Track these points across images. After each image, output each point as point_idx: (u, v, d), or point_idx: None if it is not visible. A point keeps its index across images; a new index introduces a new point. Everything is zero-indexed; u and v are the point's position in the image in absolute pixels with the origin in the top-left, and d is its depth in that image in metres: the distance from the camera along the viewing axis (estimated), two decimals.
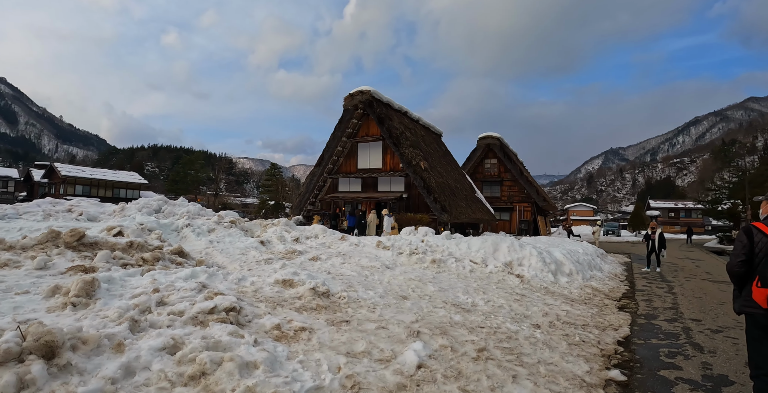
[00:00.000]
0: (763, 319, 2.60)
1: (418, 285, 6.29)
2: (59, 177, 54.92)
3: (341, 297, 5.36)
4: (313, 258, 8.05)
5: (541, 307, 5.86)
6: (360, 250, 9.57)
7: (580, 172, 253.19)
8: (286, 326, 4.21)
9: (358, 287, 5.84)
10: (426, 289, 6.13)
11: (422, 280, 6.53)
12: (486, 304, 5.73)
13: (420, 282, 6.44)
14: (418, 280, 6.56)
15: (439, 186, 19.52)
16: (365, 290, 5.72)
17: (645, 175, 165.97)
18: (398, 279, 6.57)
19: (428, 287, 6.20)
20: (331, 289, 5.55)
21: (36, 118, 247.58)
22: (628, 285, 9.04)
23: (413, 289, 6.08)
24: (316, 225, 12.51)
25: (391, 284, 6.26)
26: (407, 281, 6.46)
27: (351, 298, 5.32)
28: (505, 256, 8.62)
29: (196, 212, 13.56)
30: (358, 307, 5.07)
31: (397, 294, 5.77)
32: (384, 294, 5.69)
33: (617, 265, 12.78)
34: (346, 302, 5.20)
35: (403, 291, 5.95)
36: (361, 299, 5.33)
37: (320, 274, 6.55)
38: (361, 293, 5.58)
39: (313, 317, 4.57)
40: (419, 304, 5.32)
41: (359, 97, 21.64)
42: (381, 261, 7.74)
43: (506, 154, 35.89)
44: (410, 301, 5.42)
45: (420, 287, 6.19)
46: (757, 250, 2.69)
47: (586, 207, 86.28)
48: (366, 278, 6.55)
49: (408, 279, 6.57)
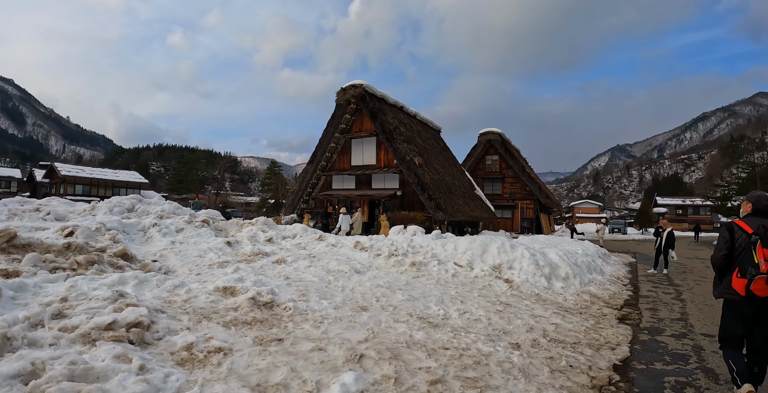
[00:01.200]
0: (740, 304, 3.06)
1: (385, 293, 5.46)
2: (59, 177, 54.72)
3: (286, 308, 4.55)
4: (277, 261, 7.24)
5: (526, 319, 5.00)
6: (336, 251, 8.76)
7: (586, 169, 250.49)
8: (201, 346, 3.43)
9: (312, 296, 5.02)
10: (393, 297, 5.29)
11: (391, 287, 5.70)
12: (461, 316, 4.88)
13: (388, 289, 5.61)
14: (387, 286, 5.73)
15: (434, 183, 18.65)
16: (319, 300, 4.90)
17: (652, 172, 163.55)
18: (364, 286, 5.75)
19: (396, 296, 5.37)
20: (278, 299, 4.75)
21: (43, 119, 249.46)
22: (632, 290, 8.14)
23: (378, 298, 5.25)
24: (297, 224, 11.71)
25: (354, 292, 5.44)
26: (374, 288, 5.63)
27: (298, 310, 4.51)
28: (494, 259, 7.76)
29: (171, 211, 12.80)
30: (303, 320, 4.26)
31: (356, 304, 4.95)
32: (341, 304, 4.87)
33: (621, 266, 11.85)
34: (290, 315, 4.39)
35: (366, 300, 5.13)
36: (309, 311, 4.51)
37: (275, 279, 5.75)
38: (313, 303, 4.76)
39: (241, 334, 3.77)
40: (378, 318, 4.49)
41: (352, 92, 20.80)
42: (352, 264, 6.92)
43: (508, 150, 34.89)
44: (368, 314, 4.59)
45: (386, 296, 5.36)
46: (737, 245, 3.04)
47: (592, 204, 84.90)
48: (327, 285, 5.73)
49: (375, 286, 5.74)
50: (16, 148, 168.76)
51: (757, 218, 3.08)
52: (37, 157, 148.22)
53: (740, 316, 3.11)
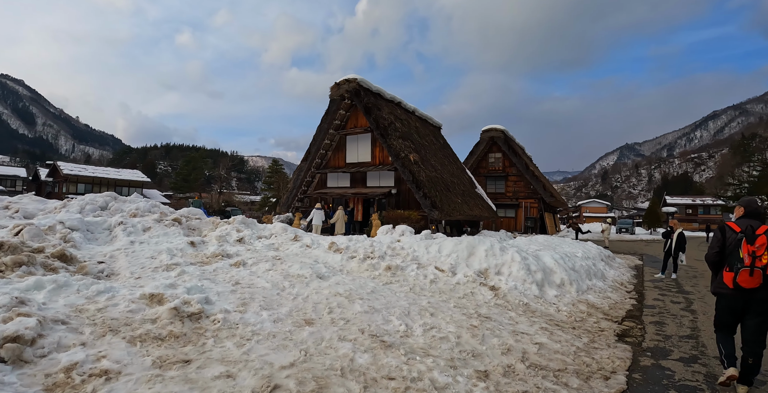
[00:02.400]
0: (730, 297, 3.35)
1: (342, 303, 4.68)
2: (61, 175, 54.70)
3: (215, 321, 3.82)
4: (236, 263, 6.50)
5: (504, 338, 4.19)
6: (308, 253, 8.00)
7: (594, 168, 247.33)
8: (86, 367, 2.75)
9: (254, 306, 4.27)
10: (349, 309, 4.52)
11: (351, 297, 4.92)
12: (425, 333, 4.09)
13: (347, 299, 4.84)
14: (347, 295, 4.95)
15: (430, 180, 17.82)
16: (260, 310, 4.15)
17: (661, 171, 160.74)
18: (321, 294, 4.98)
19: (354, 306, 4.59)
20: (209, 309, 4.01)
21: (53, 119, 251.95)
22: (636, 298, 7.26)
23: (332, 309, 4.48)
24: (277, 223, 10.98)
25: (307, 301, 4.67)
26: (331, 297, 4.86)
27: (228, 323, 3.77)
28: (480, 263, 6.94)
29: (146, 209, 12.14)
30: (229, 336, 3.52)
31: (303, 316, 4.18)
32: (284, 316, 4.11)
33: (625, 269, 10.94)
34: (217, 329, 3.65)
35: (316, 312, 4.36)
36: (242, 324, 3.77)
37: (221, 285, 5.01)
38: (250, 315, 4.02)
39: (144, 353, 3.05)
40: (321, 334, 3.72)
41: (345, 86, 20.01)
42: (317, 269, 6.15)
43: (511, 147, 33.91)
44: (312, 329, 3.82)
45: (343, 306, 4.58)
46: (728, 244, 3.37)
47: (600, 203, 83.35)
48: (280, 292, 4.97)
49: (334, 294, 4.97)
50: (26, 147, 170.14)
51: (747, 220, 3.39)
52: (47, 156, 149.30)
53: (730, 307, 3.37)
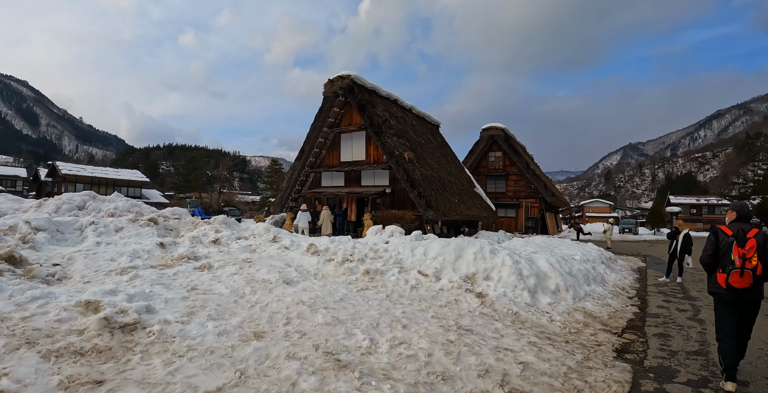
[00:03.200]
0: (725, 296, 3.53)
1: (304, 313, 4.13)
2: (60, 175, 54.44)
3: (150, 333, 3.29)
4: (201, 266, 5.96)
5: (485, 356, 3.62)
6: (284, 255, 7.45)
7: (597, 167, 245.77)
8: None
9: (201, 315, 3.73)
10: (310, 320, 3.96)
11: (315, 305, 4.36)
12: (391, 350, 3.53)
13: (309, 307, 4.28)
14: (311, 304, 4.39)
15: (425, 179, 17.24)
16: (207, 321, 3.61)
17: (665, 171, 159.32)
18: (284, 301, 4.43)
19: (315, 317, 4.03)
20: (147, 319, 3.48)
21: (57, 119, 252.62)
22: (638, 305, 6.65)
23: (289, 320, 3.93)
24: (260, 223, 10.45)
25: (264, 311, 4.12)
26: (293, 306, 4.30)
27: (164, 336, 3.24)
28: (468, 267, 6.37)
29: (125, 209, 11.63)
30: (160, 352, 2.99)
31: (254, 328, 3.63)
32: (233, 328, 3.56)
33: (628, 272, 10.32)
34: (150, 343, 3.13)
35: (271, 323, 3.80)
36: (180, 337, 3.25)
37: (175, 291, 4.47)
38: (194, 326, 3.48)
39: (54, 371, 2.54)
40: (268, 351, 3.17)
41: (339, 83, 19.47)
42: (286, 273, 5.59)
43: (512, 146, 33.28)
44: (259, 344, 3.27)
45: (303, 316, 4.03)
46: (721, 246, 3.55)
47: (603, 203, 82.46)
48: (238, 299, 4.43)
49: (297, 302, 4.42)
50: (30, 148, 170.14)
51: (739, 223, 3.56)
52: (50, 157, 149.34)
53: (725, 305, 3.55)
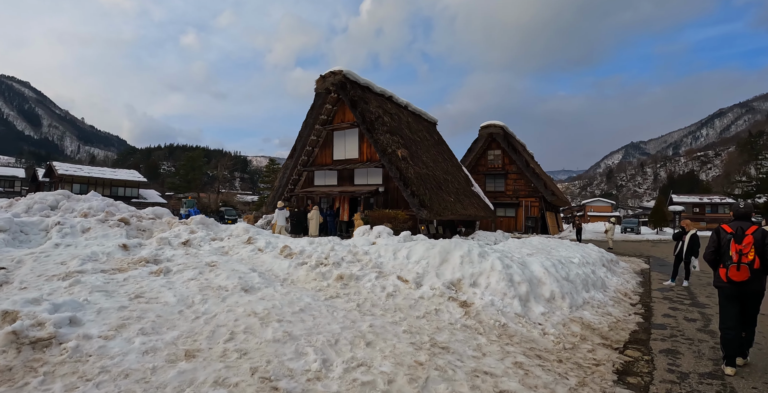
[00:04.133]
0: (727, 289, 3.88)
1: (252, 326, 3.54)
2: (56, 175, 54.03)
3: (64, 349, 2.74)
4: (157, 271, 5.38)
5: (458, 382, 3.02)
6: (255, 258, 6.86)
7: (599, 166, 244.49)
8: None
9: (132, 329, 3.17)
10: (258, 335, 3.38)
11: (267, 317, 3.77)
12: (346, 374, 2.93)
13: (261, 320, 3.69)
14: (263, 316, 3.81)
15: (419, 177, 16.63)
16: (137, 336, 3.06)
17: (667, 170, 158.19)
18: (235, 312, 3.84)
19: (265, 332, 3.44)
20: (68, 333, 2.94)
21: (59, 120, 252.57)
22: (642, 314, 6.02)
23: (234, 334, 3.34)
24: (240, 224, 9.88)
25: (209, 323, 3.54)
26: (243, 318, 3.72)
27: (79, 354, 2.72)
28: (453, 272, 5.76)
29: (100, 208, 11.05)
30: (68, 373, 2.46)
31: (189, 345, 3.04)
32: (165, 345, 2.97)
33: (630, 275, 9.68)
34: (60, 362, 2.60)
35: (212, 339, 3.21)
36: (96, 355, 2.74)
37: (115, 299, 3.91)
38: (118, 342, 2.93)
39: None
40: (193, 375, 2.59)
41: (331, 79, 18.87)
42: (247, 279, 5.00)
43: (511, 144, 32.63)
44: (187, 366, 2.69)
45: (251, 331, 3.44)
46: (722, 243, 3.94)
47: (605, 202, 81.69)
48: (183, 310, 3.85)
49: (248, 313, 3.83)
50: (32, 149, 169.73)
51: (738, 222, 3.98)
52: (52, 157, 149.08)
53: (728, 298, 3.90)
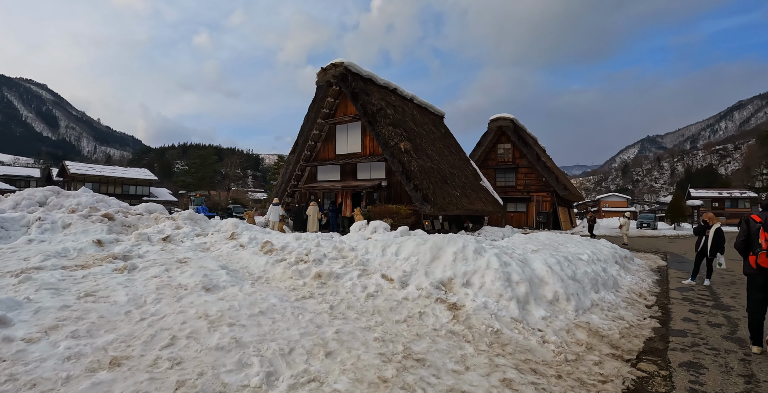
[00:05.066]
0: (756, 276, 4.10)
1: (199, 330, 3.04)
2: (69, 175, 54.74)
3: None
4: (121, 268, 4.94)
5: None
6: (234, 254, 6.38)
7: (614, 161, 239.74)
8: None
9: (63, 331, 2.76)
10: (202, 341, 2.87)
11: (218, 321, 3.26)
12: (290, 391, 2.39)
13: (211, 324, 3.20)
14: (215, 318, 3.31)
15: (422, 171, 16.01)
16: (64, 339, 2.69)
17: (684, 164, 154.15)
18: (186, 314, 3.37)
19: (211, 338, 2.94)
20: None
21: (75, 121, 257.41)
22: (659, 318, 5.34)
23: (176, 339, 2.86)
24: (229, 219, 9.44)
25: (153, 326, 3.07)
26: (191, 321, 3.23)
27: None
28: (444, 270, 5.18)
29: (89, 204, 10.73)
30: None
31: (121, 352, 2.56)
32: (93, 350, 2.54)
33: (646, 273, 8.95)
34: None
35: (149, 344, 2.73)
36: (11, 361, 2.35)
37: (62, 297, 3.54)
38: (41, 346, 2.56)
39: None
40: (108, 388, 2.08)
41: (332, 71, 18.33)
42: (213, 277, 4.51)
43: (521, 137, 31.70)
44: (105, 376, 2.24)
45: (195, 336, 2.95)
46: (752, 232, 4.12)
47: (620, 197, 79.76)
48: (131, 310, 3.40)
49: (199, 316, 3.34)
50: (49, 150, 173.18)
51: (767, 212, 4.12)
52: (69, 158, 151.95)
53: (757, 284, 4.11)
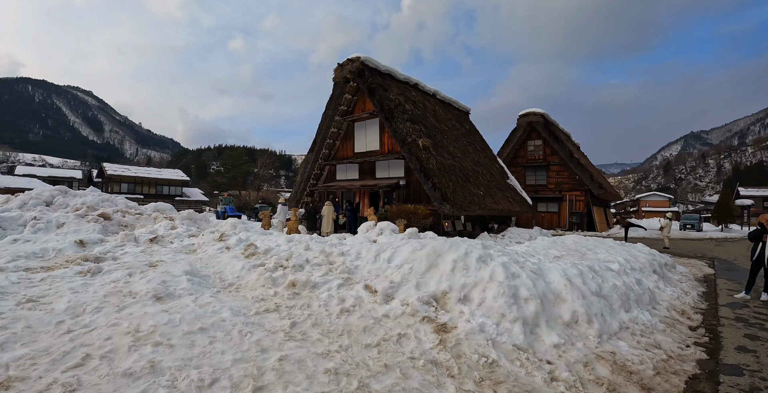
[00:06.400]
0: None
1: (119, 349, 2.46)
2: (106, 176, 57.14)
3: None
4: (86, 271, 4.51)
5: None
6: (214, 257, 5.82)
7: (655, 159, 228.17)
8: None
9: None
10: (116, 362, 2.26)
11: (145, 339, 2.64)
12: None
13: (136, 341, 2.63)
14: (145, 335, 2.73)
15: (442, 168, 15.13)
16: None
17: (732, 161, 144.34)
18: (118, 327, 2.87)
19: (127, 358, 2.35)
20: None
21: (119, 125, 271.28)
22: (706, 345, 4.29)
23: (88, 359, 2.31)
24: (229, 220, 8.99)
25: (75, 340, 2.59)
26: (117, 336, 2.68)
27: None
28: (439, 281, 4.39)
29: (95, 203, 10.57)
30: None
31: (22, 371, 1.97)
32: None
33: (690, 284, 7.74)
34: None
35: (56, 363, 2.22)
36: None
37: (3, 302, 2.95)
38: None
39: None
40: None
41: (349, 67, 17.72)
42: (172, 284, 3.94)
43: (552, 133, 30.10)
44: None
45: (112, 356, 2.38)
46: None
47: (662, 197, 75.30)
48: (64, 320, 2.99)
49: (128, 330, 2.78)
50: (95, 152, 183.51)
51: None
52: (112, 160, 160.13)
53: None
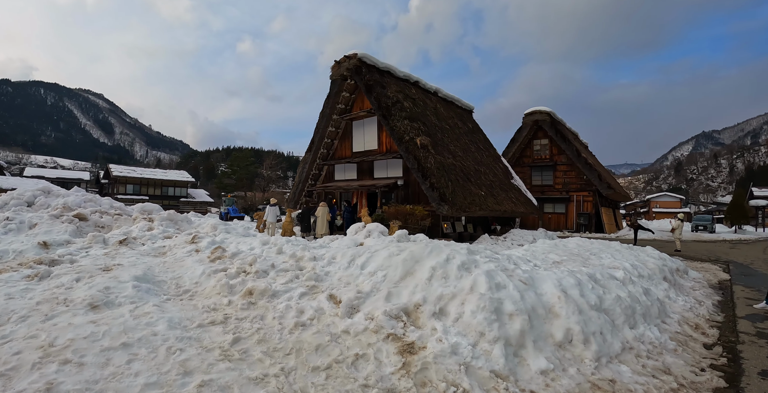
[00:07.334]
0: None
1: (22, 365, 1.92)
2: (112, 177, 57.36)
3: None
4: (34, 275, 4.11)
5: None
6: (179, 261, 5.35)
7: (666, 159, 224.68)
8: None
9: None
10: (13, 382, 1.74)
11: (57, 354, 2.03)
12: None
13: (43, 358, 2.06)
14: (56, 350, 2.14)
15: (440, 168, 14.57)
16: None
17: (745, 161, 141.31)
18: (35, 340, 2.44)
19: (26, 379, 1.81)
20: None
21: (129, 128, 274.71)
22: (724, 369, 3.70)
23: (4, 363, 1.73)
24: (209, 220, 8.55)
25: None
26: (28, 351, 2.17)
27: None
28: (414, 291, 3.85)
29: (77, 204, 10.19)
30: None
31: None
32: None
33: (704, 292, 7.08)
34: None
35: None
36: None
37: None
38: None
39: None
40: None
41: (346, 64, 17.27)
42: (115, 291, 3.45)
43: (559, 132, 29.35)
44: None
45: (11, 373, 1.82)
46: None
47: (673, 197, 73.71)
48: None
49: (41, 345, 2.30)
50: (106, 154, 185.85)
51: None
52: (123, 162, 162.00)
53: None
